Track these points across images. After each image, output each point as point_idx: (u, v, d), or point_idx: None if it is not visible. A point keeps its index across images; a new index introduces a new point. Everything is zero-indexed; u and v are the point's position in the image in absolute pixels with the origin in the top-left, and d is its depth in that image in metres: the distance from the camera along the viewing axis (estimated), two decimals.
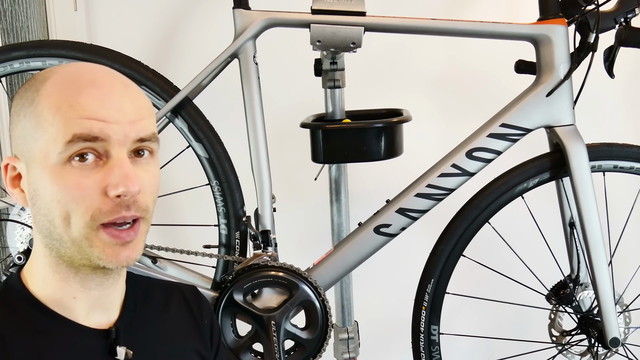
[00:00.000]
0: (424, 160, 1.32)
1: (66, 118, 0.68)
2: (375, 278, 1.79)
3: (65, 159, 0.68)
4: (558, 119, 1.24)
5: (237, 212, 1.27)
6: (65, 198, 0.68)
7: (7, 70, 1.24)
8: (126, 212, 0.69)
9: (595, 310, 1.34)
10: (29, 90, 0.72)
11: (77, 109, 0.68)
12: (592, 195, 1.22)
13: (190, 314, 0.90)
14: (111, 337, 0.76)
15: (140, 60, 1.26)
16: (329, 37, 1.20)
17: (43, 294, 0.74)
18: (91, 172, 0.69)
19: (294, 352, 1.24)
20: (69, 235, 0.70)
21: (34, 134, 0.70)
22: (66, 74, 0.72)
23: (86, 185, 0.68)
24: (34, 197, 0.71)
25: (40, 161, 0.69)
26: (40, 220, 0.71)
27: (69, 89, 0.70)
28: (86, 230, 0.69)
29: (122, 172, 0.68)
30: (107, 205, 0.69)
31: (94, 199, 0.68)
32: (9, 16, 1.53)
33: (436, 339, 1.31)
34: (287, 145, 1.67)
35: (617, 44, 1.22)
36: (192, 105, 1.26)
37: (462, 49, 1.74)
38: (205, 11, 1.66)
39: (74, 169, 0.68)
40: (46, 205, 0.70)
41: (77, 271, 0.73)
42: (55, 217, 0.69)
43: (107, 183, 0.68)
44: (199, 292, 0.94)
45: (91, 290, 0.75)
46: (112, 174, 0.68)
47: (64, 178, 0.68)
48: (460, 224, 1.27)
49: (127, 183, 0.68)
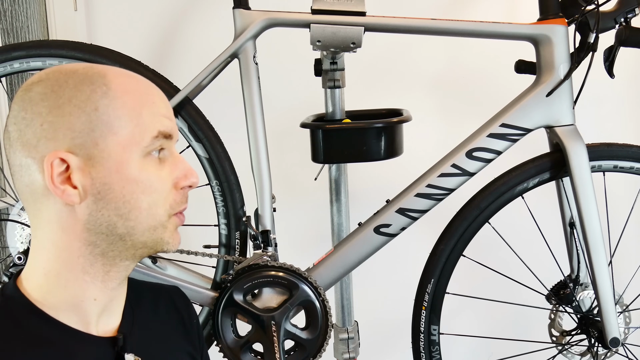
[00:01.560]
0: (424, 160, 1.32)
1: (151, 114, 0.73)
2: (375, 278, 1.79)
3: (147, 152, 0.72)
4: (558, 119, 1.24)
5: (237, 212, 1.27)
6: (149, 189, 0.72)
7: (7, 70, 1.24)
8: (186, 202, 0.78)
9: (595, 310, 1.34)
10: (88, 84, 0.70)
11: (157, 107, 0.74)
12: (592, 195, 1.22)
13: (179, 315, 0.90)
14: (119, 344, 0.76)
15: (140, 60, 1.26)
16: (329, 37, 1.20)
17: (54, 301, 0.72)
18: (161, 165, 0.74)
19: (294, 352, 1.24)
20: (147, 224, 0.73)
21: (110, 127, 0.70)
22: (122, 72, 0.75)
23: (164, 177, 0.74)
24: (102, 192, 0.70)
25: (117, 154, 0.70)
26: (103, 216, 0.71)
27: (140, 87, 0.74)
28: (164, 218, 0.74)
29: (187, 165, 0.77)
30: (178, 196, 0.76)
31: (169, 190, 0.75)
32: (9, 16, 1.53)
33: (436, 339, 1.31)
34: (287, 145, 1.68)
35: (617, 44, 1.22)
36: (192, 105, 1.26)
37: (462, 49, 1.74)
38: (205, 11, 1.66)
39: (152, 162, 0.73)
40: (123, 198, 0.71)
41: (109, 269, 0.74)
42: (132, 210, 0.71)
43: (176, 175, 0.75)
44: (183, 293, 0.95)
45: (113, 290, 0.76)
46: (178, 168, 0.76)
47: (146, 171, 0.72)
48: (460, 224, 1.27)
49: (193, 175, 0.76)
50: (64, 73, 0.72)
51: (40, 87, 0.70)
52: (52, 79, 0.71)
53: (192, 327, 0.92)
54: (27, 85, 0.72)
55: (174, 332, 0.88)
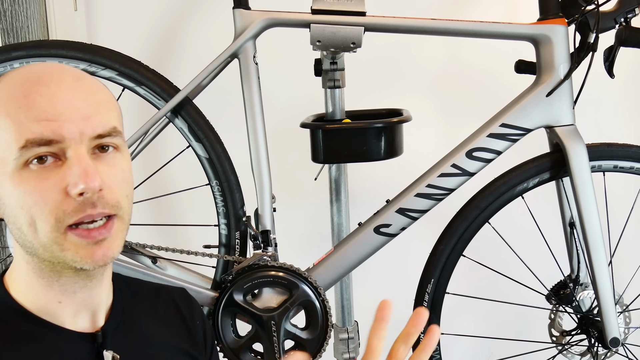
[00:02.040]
0: (424, 160, 1.32)
1: (16, 121, 0.65)
2: (375, 278, 1.79)
3: (21, 164, 0.66)
4: (558, 119, 1.24)
5: (237, 212, 1.27)
6: (27, 203, 0.66)
7: (7, 70, 1.24)
8: (92, 209, 0.67)
9: (595, 310, 1.34)
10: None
11: (25, 110, 0.65)
12: (592, 195, 1.22)
13: (180, 315, 0.89)
14: (98, 341, 0.75)
15: (140, 60, 1.26)
16: (329, 37, 1.20)
17: (27, 300, 0.73)
18: (50, 174, 0.66)
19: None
20: (39, 241, 0.68)
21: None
22: (15, 76, 0.69)
23: (46, 188, 0.66)
24: (2, 207, 0.69)
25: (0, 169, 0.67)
26: (13, 230, 0.69)
27: (17, 91, 0.67)
28: (54, 234, 0.67)
29: (80, 169, 0.66)
30: (70, 206, 0.66)
31: (57, 200, 0.66)
32: (9, 16, 1.53)
33: None
34: (287, 145, 1.67)
35: (617, 44, 1.22)
36: (192, 105, 1.26)
37: (462, 49, 1.74)
38: (205, 11, 1.66)
39: (33, 172, 0.66)
40: (12, 213, 0.68)
41: (60, 275, 0.71)
42: (22, 225, 0.67)
43: (66, 182, 0.66)
44: (188, 294, 0.93)
45: (76, 294, 0.73)
46: (70, 173, 0.66)
47: (23, 183, 0.66)
48: (460, 224, 1.27)
49: (86, 180, 0.65)
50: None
51: None
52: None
53: (195, 328, 0.90)
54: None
55: (172, 333, 0.87)
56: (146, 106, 1.27)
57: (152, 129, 1.26)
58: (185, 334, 0.89)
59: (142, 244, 1.27)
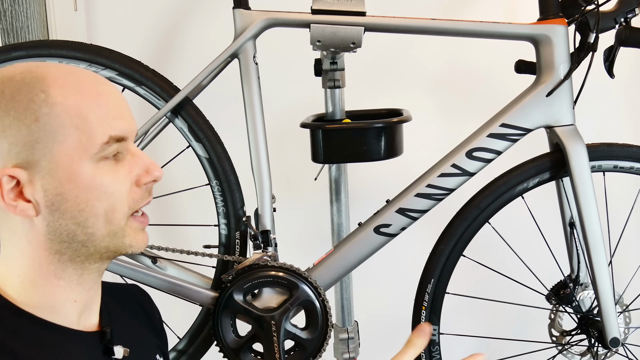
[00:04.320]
0: (424, 160, 1.32)
1: (98, 118, 0.69)
2: (375, 278, 1.79)
3: (99, 158, 0.70)
4: (558, 119, 1.24)
5: (237, 212, 1.27)
6: (105, 195, 0.70)
7: None
8: (149, 196, 0.76)
9: (595, 310, 1.34)
10: (25, 93, 0.67)
11: (104, 108, 0.70)
12: (592, 195, 1.22)
13: (144, 311, 0.92)
14: (106, 337, 0.76)
15: (140, 60, 1.26)
16: (329, 37, 1.20)
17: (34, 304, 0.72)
18: (118, 167, 0.72)
19: (294, 352, 1.24)
20: (108, 230, 0.72)
21: (54, 137, 0.67)
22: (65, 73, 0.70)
23: (120, 179, 0.71)
24: (56, 203, 0.68)
25: (66, 164, 0.67)
26: (62, 225, 0.69)
27: (84, 89, 0.70)
28: (123, 221, 0.73)
29: (147, 161, 0.74)
30: (138, 194, 0.74)
31: (128, 190, 0.72)
32: (9, 16, 1.53)
33: (436, 339, 1.31)
34: (287, 145, 1.67)
35: (617, 44, 1.22)
36: (192, 105, 1.26)
37: (462, 49, 1.74)
38: (205, 11, 1.66)
39: (106, 166, 0.70)
40: (77, 207, 0.69)
41: (82, 272, 0.73)
42: (88, 217, 0.70)
43: (136, 173, 0.73)
44: (144, 290, 0.97)
45: (90, 291, 0.76)
46: (138, 165, 0.73)
47: (100, 177, 0.70)
48: (460, 224, 1.27)
49: (155, 169, 0.74)
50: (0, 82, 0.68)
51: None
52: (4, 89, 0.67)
53: (156, 322, 0.94)
54: None
55: (143, 329, 0.90)
56: (146, 106, 1.27)
57: (152, 129, 1.26)
58: (151, 329, 0.92)
59: None
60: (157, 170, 0.74)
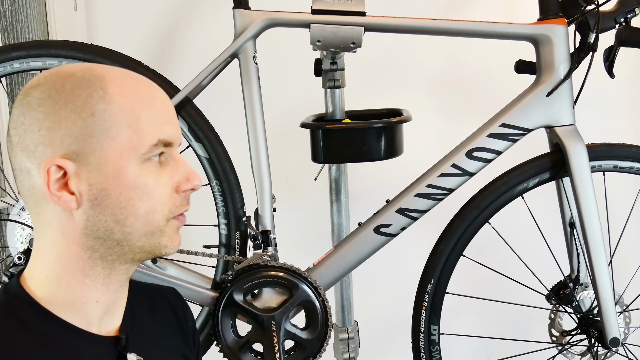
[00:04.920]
0: (424, 160, 1.32)
1: (151, 120, 0.71)
2: (375, 278, 1.79)
3: (145, 159, 0.71)
4: (558, 119, 1.24)
5: (237, 212, 1.27)
6: (147, 195, 0.71)
7: (7, 70, 1.24)
8: (188, 204, 0.77)
9: (595, 310, 1.34)
10: (85, 88, 0.69)
11: (157, 112, 0.72)
12: (592, 195, 1.22)
13: (175, 316, 0.91)
14: (121, 344, 0.76)
15: (140, 60, 1.26)
16: (329, 37, 1.20)
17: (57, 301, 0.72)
18: (162, 171, 0.73)
19: (294, 352, 1.24)
20: (146, 229, 0.72)
21: (107, 133, 0.69)
22: (122, 74, 0.73)
23: (162, 182, 0.73)
24: (99, 198, 0.69)
25: (114, 161, 0.69)
26: (100, 221, 0.70)
27: (141, 91, 0.72)
28: (163, 223, 0.74)
29: (188, 169, 0.75)
30: (178, 200, 0.75)
31: (169, 194, 0.74)
32: (9, 16, 1.53)
33: (436, 339, 1.31)
34: (287, 145, 1.68)
35: (617, 44, 1.22)
36: (192, 105, 1.26)
37: (462, 49, 1.74)
38: (205, 11, 1.66)
39: (151, 167, 0.72)
40: (119, 205, 0.70)
41: (110, 272, 0.74)
42: (129, 215, 0.71)
43: (177, 179, 0.74)
44: (179, 294, 0.95)
45: (115, 293, 0.76)
46: (180, 171, 0.75)
47: (145, 176, 0.71)
48: (460, 224, 1.27)
49: (195, 178, 0.75)
50: (61, 76, 0.70)
51: (38, 91, 0.70)
52: (49, 82, 0.70)
53: (188, 329, 0.92)
54: (26, 89, 0.71)
55: (171, 333, 0.88)
56: None
57: None
58: (180, 335, 0.90)
59: None
60: (196, 179, 0.75)
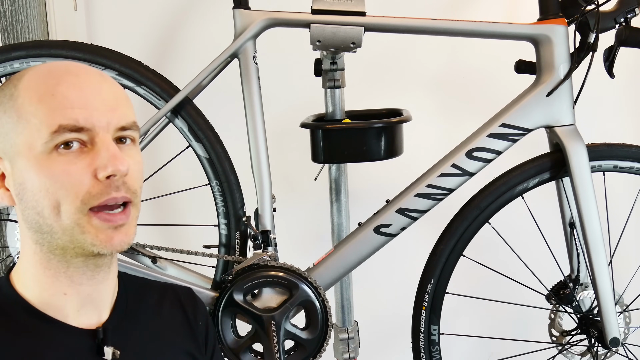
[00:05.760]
0: (424, 160, 1.32)
1: (49, 108, 0.69)
2: (375, 278, 1.79)
3: (50, 148, 0.69)
4: (558, 119, 1.24)
5: (237, 212, 1.27)
6: (54, 186, 0.69)
7: (7, 70, 1.24)
8: (116, 192, 0.70)
9: (595, 310, 1.34)
10: (5, 89, 0.72)
11: (59, 98, 0.69)
12: (592, 195, 1.22)
13: (184, 315, 0.90)
14: (98, 337, 0.76)
15: (140, 60, 1.26)
16: (329, 37, 1.20)
17: (32, 294, 0.75)
18: (77, 159, 0.70)
19: (294, 352, 1.24)
20: (60, 224, 0.70)
21: (16, 127, 0.70)
22: (42, 68, 0.73)
23: (74, 171, 0.69)
24: (20, 192, 0.71)
25: (24, 153, 0.70)
26: (29, 215, 0.71)
27: (48, 80, 0.71)
28: (77, 216, 0.69)
29: (109, 153, 0.70)
30: (96, 188, 0.69)
31: (83, 183, 0.69)
32: (9, 16, 1.53)
33: (436, 339, 1.31)
34: (287, 145, 1.68)
35: (617, 44, 1.22)
36: (192, 105, 1.26)
37: (462, 49, 1.74)
38: (205, 11, 1.66)
39: (60, 156, 0.69)
40: (34, 197, 0.70)
41: (68, 266, 0.73)
42: (44, 208, 0.69)
43: (95, 166, 0.69)
44: (194, 294, 0.94)
45: (82, 286, 0.75)
46: (99, 157, 0.69)
47: (51, 167, 0.69)
48: (460, 224, 1.27)
49: (115, 163, 0.69)
50: (9, 78, 0.74)
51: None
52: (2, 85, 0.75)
53: (198, 329, 0.91)
54: None
55: (175, 331, 0.88)
56: (146, 106, 1.27)
57: (152, 129, 1.26)
58: (188, 334, 0.89)
59: (142, 244, 1.27)
60: (118, 164, 0.69)
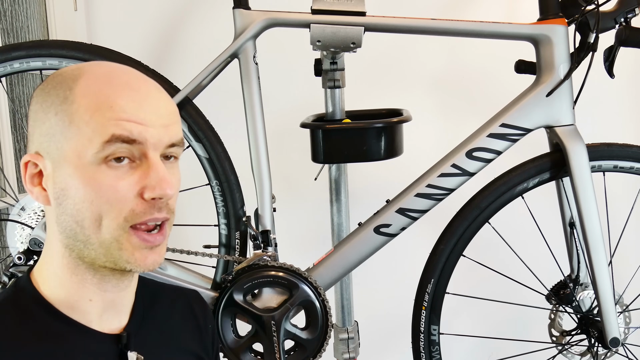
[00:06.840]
0: (424, 160, 1.32)
1: (105, 118, 0.68)
2: (375, 278, 1.79)
3: (100, 159, 0.68)
4: (558, 119, 1.24)
5: (237, 212, 1.27)
6: (99, 199, 0.68)
7: (7, 70, 1.24)
8: (158, 213, 0.70)
9: (595, 310, 1.34)
10: (58, 88, 0.70)
11: (116, 110, 0.68)
12: (592, 195, 1.22)
13: (195, 319, 0.90)
14: (122, 342, 0.76)
15: (140, 60, 1.26)
16: (329, 37, 1.20)
17: (57, 297, 0.73)
18: (126, 174, 0.69)
19: (294, 352, 1.24)
20: (98, 237, 0.69)
21: (66, 132, 0.68)
22: (100, 74, 0.71)
23: (121, 188, 0.68)
24: (60, 197, 0.70)
25: (72, 160, 0.68)
26: (65, 221, 0.70)
27: (107, 90, 0.69)
28: (118, 232, 0.69)
29: (159, 175, 0.69)
30: (140, 207, 0.69)
31: (129, 200, 0.69)
32: (9, 16, 1.53)
33: (436, 339, 1.31)
34: (287, 145, 1.68)
35: (617, 44, 1.22)
36: (192, 105, 1.26)
37: (462, 49, 1.74)
38: (206, 11, 1.66)
39: (110, 170, 0.68)
40: (75, 206, 0.69)
41: (95, 272, 0.73)
42: (85, 219, 0.69)
43: (143, 185, 0.69)
44: (202, 298, 0.95)
45: (107, 293, 0.75)
46: (148, 177, 0.69)
47: (99, 179, 0.68)
48: (460, 224, 1.27)
49: (163, 186, 0.69)
50: (53, 76, 0.72)
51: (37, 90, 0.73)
52: (44, 82, 0.73)
53: (207, 333, 0.91)
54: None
55: (187, 336, 0.88)
56: None
57: None
58: (198, 337, 0.90)
59: None
60: (167, 188, 0.69)
